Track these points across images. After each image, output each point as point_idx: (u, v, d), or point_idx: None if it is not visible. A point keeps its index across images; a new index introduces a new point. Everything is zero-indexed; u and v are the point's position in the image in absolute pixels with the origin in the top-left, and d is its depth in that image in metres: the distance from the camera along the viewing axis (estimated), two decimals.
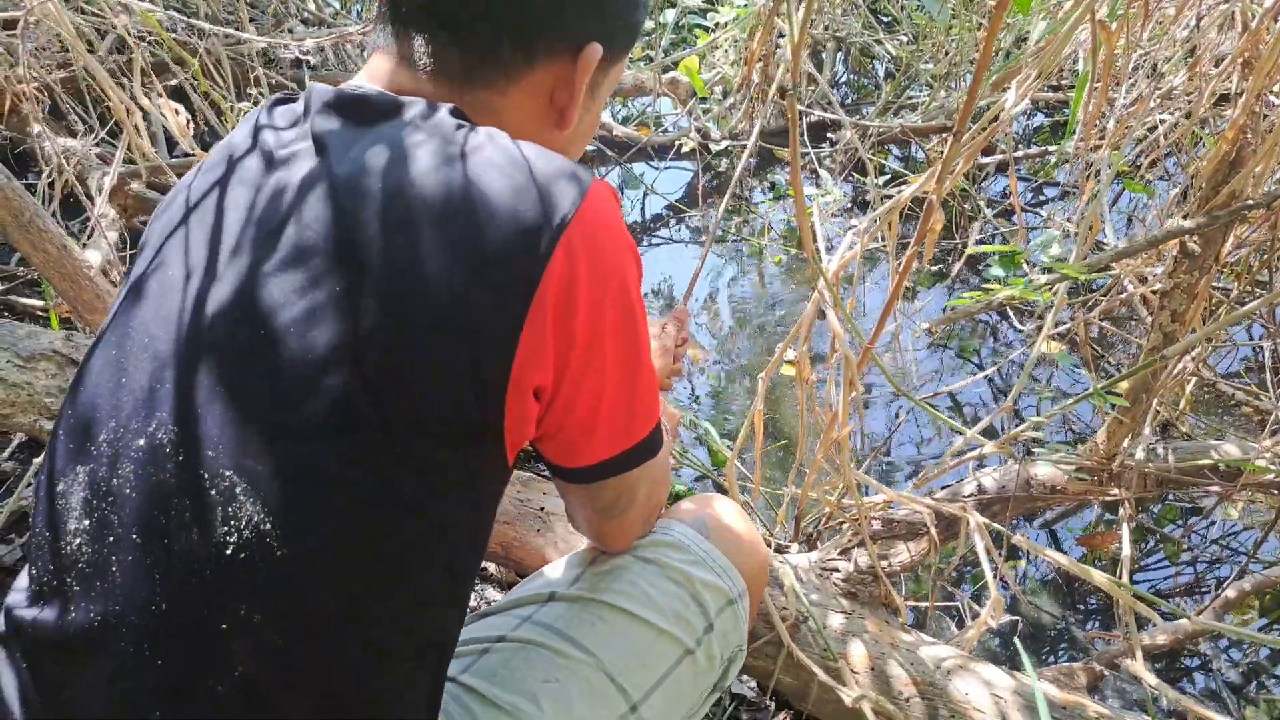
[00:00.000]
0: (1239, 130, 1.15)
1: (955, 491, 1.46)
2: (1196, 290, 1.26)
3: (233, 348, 0.61)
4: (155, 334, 0.64)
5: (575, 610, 0.86)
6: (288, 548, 0.59)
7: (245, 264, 0.63)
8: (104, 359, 0.66)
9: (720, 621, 0.90)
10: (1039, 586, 1.72)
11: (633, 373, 0.70)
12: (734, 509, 1.02)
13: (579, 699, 0.80)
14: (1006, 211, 2.69)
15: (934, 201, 0.96)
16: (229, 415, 0.60)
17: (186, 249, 0.67)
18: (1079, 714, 1.16)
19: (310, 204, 0.62)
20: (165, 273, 0.67)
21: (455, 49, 0.69)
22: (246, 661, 0.59)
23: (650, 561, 0.90)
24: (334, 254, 0.60)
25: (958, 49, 2.85)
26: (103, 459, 0.62)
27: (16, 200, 1.25)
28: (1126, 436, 1.40)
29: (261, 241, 0.63)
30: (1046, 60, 1.16)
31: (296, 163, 0.66)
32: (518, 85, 0.72)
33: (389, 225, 0.60)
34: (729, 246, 2.69)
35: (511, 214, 0.61)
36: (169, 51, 2.13)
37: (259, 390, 0.60)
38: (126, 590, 0.60)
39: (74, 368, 1.38)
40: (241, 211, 0.66)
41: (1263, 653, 1.60)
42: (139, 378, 0.63)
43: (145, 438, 0.61)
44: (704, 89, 2.67)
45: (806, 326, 1.22)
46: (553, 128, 0.75)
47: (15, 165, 2.47)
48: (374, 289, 0.59)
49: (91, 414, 0.64)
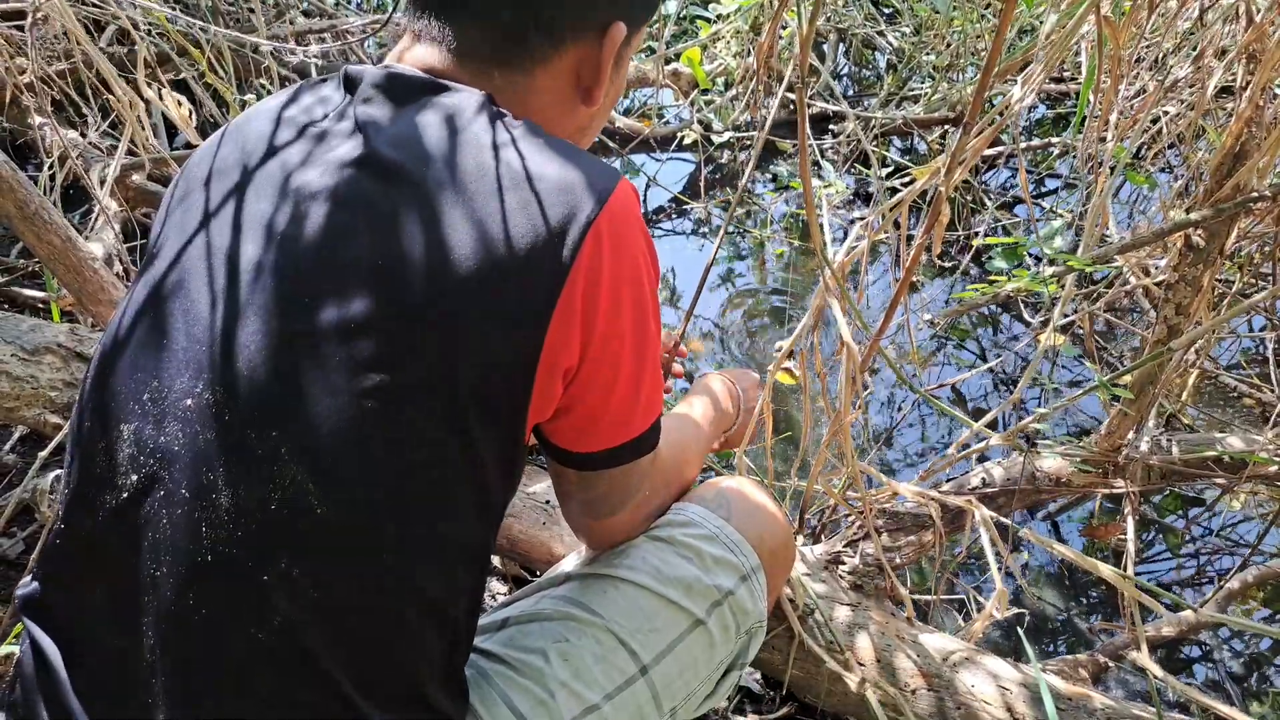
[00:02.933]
0: (1244, 123, 1.14)
1: (960, 484, 1.46)
2: (1201, 283, 1.26)
3: (278, 312, 0.63)
4: (195, 299, 0.66)
5: (586, 583, 0.88)
6: (327, 506, 0.62)
7: (291, 234, 0.65)
8: (141, 325, 0.68)
9: (735, 595, 0.90)
10: (1042, 578, 1.73)
11: (640, 367, 0.73)
12: (752, 486, 1.02)
13: (589, 657, 0.82)
14: (1008, 204, 2.69)
15: (942, 194, 0.96)
16: (274, 378, 0.62)
17: (239, 209, 0.68)
18: (1084, 706, 1.16)
19: (357, 181, 0.65)
20: (210, 231, 0.68)
21: (484, 35, 0.72)
22: (286, 611, 0.62)
23: (661, 540, 0.91)
24: (380, 229, 0.63)
25: (960, 40, 2.85)
26: (148, 417, 0.64)
27: (22, 192, 1.24)
28: (1131, 429, 1.40)
29: (307, 214, 0.65)
30: (1051, 55, 1.15)
31: (340, 142, 0.68)
32: (545, 68, 0.74)
33: (429, 204, 0.63)
34: (731, 238, 2.69)
35: (545, 205, 0.64)
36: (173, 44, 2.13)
37: (305, 356, 0.62)
38: (175, 542, 0.62)
39: (79, 361, 1.38)
40: (281, 180, 0.68)
41: (1265, 644, 1.61)
42: (180, 340, 0.65)
43: (193, 398, 0.63)
44: (706, 80, 2.66)
45: (813, 320, 1.22)
46: (579, 105, 0.78)
47: (15, 158, 2.46)
48: (416, 265, 0.62)
49: (130, 374, 0.66)
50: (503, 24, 0.71)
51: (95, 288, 1.37)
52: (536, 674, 0.80)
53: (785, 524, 1.01)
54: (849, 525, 1.43)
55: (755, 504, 0.99)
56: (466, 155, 0.65)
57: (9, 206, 1.24)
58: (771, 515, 0.99)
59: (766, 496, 1.02)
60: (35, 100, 1.54)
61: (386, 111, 0.68)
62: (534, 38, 0.72)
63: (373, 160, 0.65)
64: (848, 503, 1.41)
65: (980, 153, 1.11)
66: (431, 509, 0.66)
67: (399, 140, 0.66)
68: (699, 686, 0.89)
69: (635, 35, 0.79)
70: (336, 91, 0.73)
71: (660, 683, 0.84)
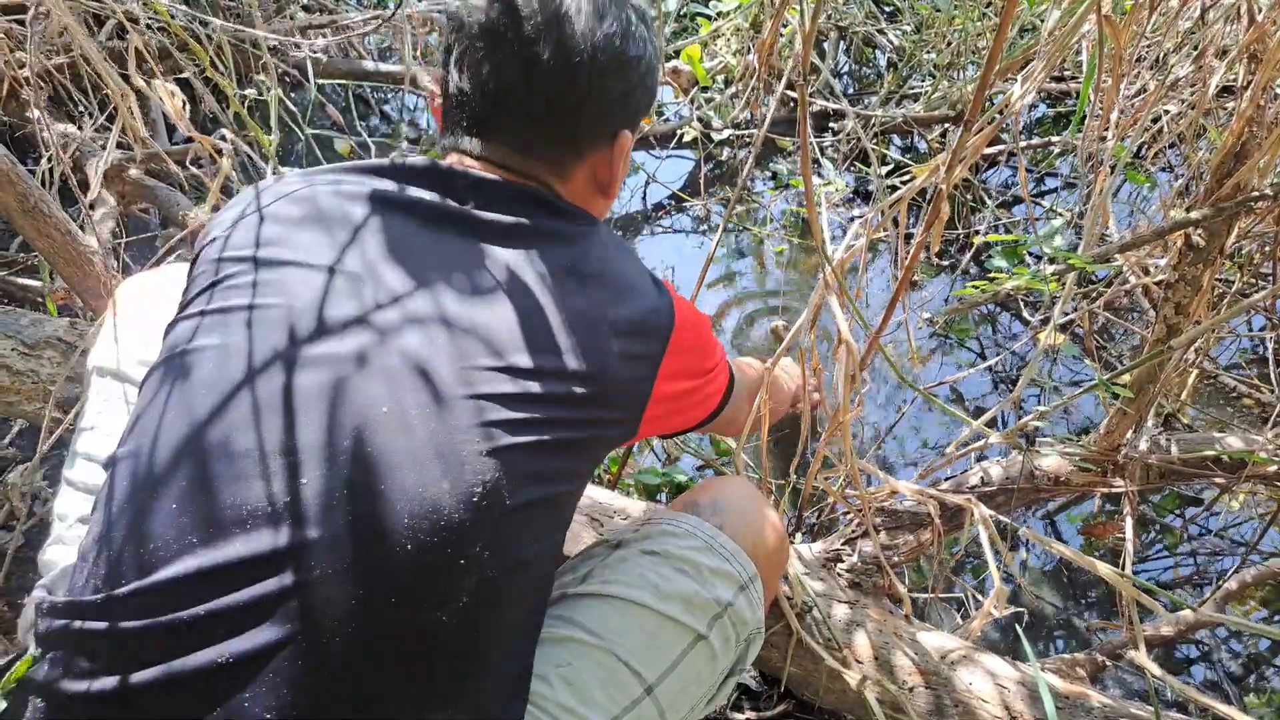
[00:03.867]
0: (1245, 122, 1.14)
1: (959, 482, 1.46)
2: (1201, 282, 1.26)
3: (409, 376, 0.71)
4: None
5: (585, 603, 0.88)
6: (515, 499, 0.71)
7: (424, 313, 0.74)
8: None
9: (734, 606, 0.90)
10: (1040, 577, 1.73)
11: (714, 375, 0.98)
12: (746, 490, 1.02)
13: (593, 681, 0.81)
14: (1007, 203, 2.68)
15: (943, 191, 0.96)
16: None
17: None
18: (1082, 704, 1.16)
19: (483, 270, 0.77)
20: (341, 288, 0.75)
21: (521, 155, 0.87)
22: (471, 594, 0.68)
23: (656, 554, 0.91)
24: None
25: (961, 38, 2.85)
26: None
27: (21, 185, 1.24)
28: (1130, 428, 1.40)
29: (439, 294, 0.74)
30: (1053, 52, 1.15)
31: (452, 233, 0.79)
32: (571, 173, 0.90)
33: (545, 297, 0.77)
34: (730, 236, 2.69)
35: (641, 302, 0.83)
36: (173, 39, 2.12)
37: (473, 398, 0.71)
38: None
39: (78, 355, 1.38)
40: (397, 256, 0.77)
41: (1263, 644, 1.61)
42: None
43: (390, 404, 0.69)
44: (706, 78, 2.66)
45: (813, 315, 1.22)
46: (598, 196, 0.94)
47: (14, 151, 2.46)
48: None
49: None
50: (538, 148, 0.87)
51: (95, 281, 1.37)
52: (538, 698, 0.79)
53: (779, 525, 1.01)
54: (847, 523, 1.43)
55: (748, 507, 0.99)
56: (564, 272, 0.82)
57: (9, 200, 1.24)
58: (765, 518, 0.99)
59: (759, 497, 1.03)
60: (33, 94, 1.54)
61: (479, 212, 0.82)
62: (563, 155, 0.89)
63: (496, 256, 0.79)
64: (846, 501, 1.41)
65: (981, 150, 1.11)
66: (560, 525, 0.83)
67: (512, 246, 0.80)
68: (703, 697, 0.89)
69: (635, 132, 0.95)
70: (423, 187, 0.82)
71: (666, 700, 0.84)
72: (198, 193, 2.16)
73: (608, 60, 0.84)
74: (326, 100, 2.85)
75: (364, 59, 2.89)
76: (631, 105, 0.90)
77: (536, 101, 0.84)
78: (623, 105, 0.89)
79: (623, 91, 0.88)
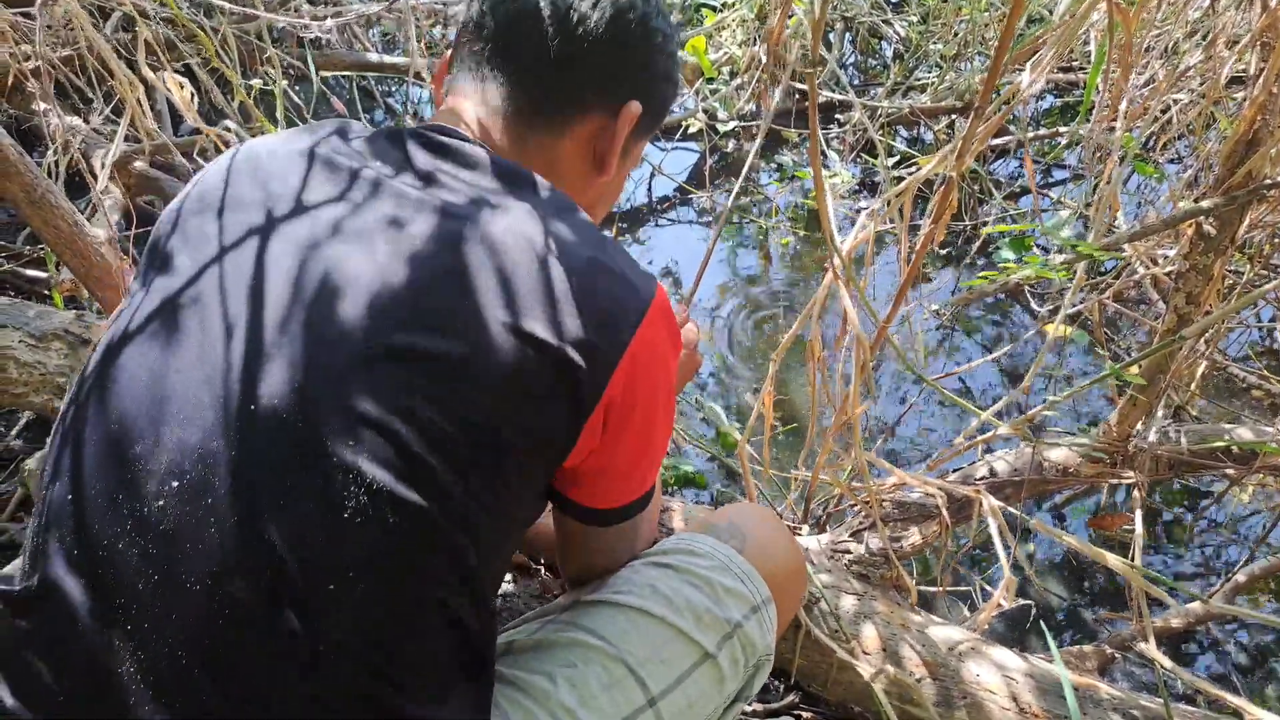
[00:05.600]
0: (1258, 109, 1.14)
1: (967, 474, 1.46)
2: (1212, 271, 1.25)
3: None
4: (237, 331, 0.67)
5: (595, 609, 0.86)
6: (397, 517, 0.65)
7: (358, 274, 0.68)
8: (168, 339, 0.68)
9: (744, 628, 0.88)
10: (1048, 570, 1.73)
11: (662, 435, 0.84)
12: (765, 515, 1.01)
13: (597, 685, 0.80)
14: (1015, 194, 2.67)
15: (953, 179, 0.95)
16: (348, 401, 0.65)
17: (263, 248, 0.71)
18: (1091, 697, 1.16)
19: (421, 239, 0.70)
20: (237, 258, 0.70)
21: (527, 103, 0.82)
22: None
23: (671, 568, 0.89)
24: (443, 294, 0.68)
25: (968, 29, 2.83)
26: (191, 425, 0.64)
27: (28, 176, 1.24)
28: (1140, 419, 1.39)
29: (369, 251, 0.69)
30: (1061, 42, 1.14)
31: (388, 199, 0.72)
32: (568, 132, 0.84)
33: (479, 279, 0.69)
34: (736, 228, 2.68)
35: (603, 299, 0.73)
36: (179, 30, 2.12)
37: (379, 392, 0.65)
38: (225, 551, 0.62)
39: (85, 347, 1.38)
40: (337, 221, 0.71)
41: (1272, 636, 1.61)
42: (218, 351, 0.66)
43: (261, 405, 0.64)
44: (711, 69, 2.65)
45: (819, 306, 1.21)
46: (594, 173, 0.88)
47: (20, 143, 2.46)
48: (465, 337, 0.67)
49: (167, 379, 0.66)
50: (544, 97, 0.82)
51: (101, 272, 1.37)
52: (541, 696, 0.78)
53: (798, 555, 1.00)
54: (855, 515, 1.42)
55: (768, 535, 0.97)
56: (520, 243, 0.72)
57: (15, 191, 1.24)
58: (784, 547, 0.98)
59: (779, 524, 1.01)
60: (40, 86, 1.54)
61: (441, 182, 0.74)
62: (567, 107, 0.83)
63: (436, 228, 0.70)
64: (853, 492, 1.40)
65: (989, 138, 1.10)
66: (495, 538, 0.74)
67: (454, 215, 0.71)
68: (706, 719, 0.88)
69: (641, 138, 0.92)
70: (373, 142, 0.77)
71: (668, 715, 0.82)
72: None
73: (630, 18, 0.83)
74: (331, 92, 2.85)
75: (368, 51, 2.88)
76: (646, 76, 0.87)
77: (550, 39, 0.81)
78: (637, 69, 0.86)
79: (640, 55, 0.85)
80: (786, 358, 1.60)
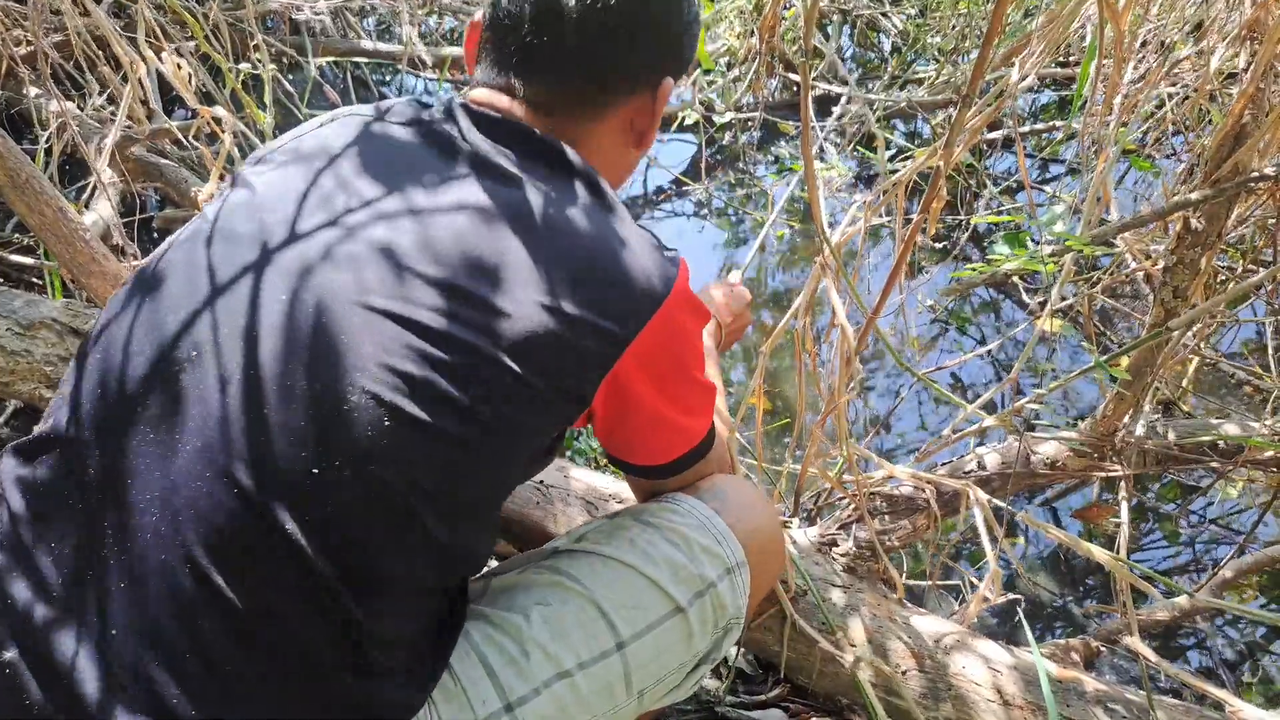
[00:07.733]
0: (1245, 102, 1.13)
1: (956, 467, 1.46)
2: (1199, 265, 1.25)
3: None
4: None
5: (575, 557, 0.90)
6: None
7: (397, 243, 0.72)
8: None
9: (717, 588, 0.90)
10: (1036, 564, 1.73)
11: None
12: (748, 486, 1.03)
13: (570, 622, 0.83)
14: (1010, 189, 2.67)
15: (941, 170, 0.95)
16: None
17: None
18: (1076, 689, 1.16)
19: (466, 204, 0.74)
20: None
21: (562, 95, 0.84)
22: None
23: (651, 525, 0.92)
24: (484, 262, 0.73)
25: (965, 22, 2.83)
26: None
27: (12, 160, 1.23)
28: (1127, 412, 1.39)
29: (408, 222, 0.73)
30: (1048, 37, 1.14)
31: (446, 163, 0.78)
32: (606, 115, 0.87)
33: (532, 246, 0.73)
34: (731, 220, 2.68)
35: (633, 272, 0.77)
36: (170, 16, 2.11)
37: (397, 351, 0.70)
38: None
39: (74, 336, 1.37)
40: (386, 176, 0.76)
41: (1259, 631, 1.61)
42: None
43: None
44: (708, 61, 2.64)
45: (809, 297, 1.21)
46: (632, 147, 0.91)
47: (10, 129, 2.45)
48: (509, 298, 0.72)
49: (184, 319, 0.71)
50: (580, 87, 0.84)
51: (86, 259, 1.36)
52: (515, 630, 0.81)
53: (777, 525, 1.01)
54: (844, 508, 1.42)
55: (748, 501, 0.99)
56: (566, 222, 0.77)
57: (0, 175, 1.23)
58: (763, 514, 0.99)
59: (763, 496, 1.03)
60: (34, 70, 1.52)
61: (497, 155, 0.79)
62: (603, 97, 0.86)
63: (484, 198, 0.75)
64: (842, 485, 1.40)
65: (980, 130, 1.10)
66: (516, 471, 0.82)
67: (504, 187, 0.77)
68: (670, 675, 0.89)
69: (678, 82, 0.93)
70: (435, 121, 0.82)
71: (634, 662, 0.84)
72: (194, 170, 2.14)
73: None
74: (324, 80, 2.84)
75: (362, 38, 2.87)
76: (677, 49, 0.89)
77: (588, 24, 0.82)
78: (674, 45, 0.88)
79: (675, 31, 0.87)
80: (778, 351, 1.60)
